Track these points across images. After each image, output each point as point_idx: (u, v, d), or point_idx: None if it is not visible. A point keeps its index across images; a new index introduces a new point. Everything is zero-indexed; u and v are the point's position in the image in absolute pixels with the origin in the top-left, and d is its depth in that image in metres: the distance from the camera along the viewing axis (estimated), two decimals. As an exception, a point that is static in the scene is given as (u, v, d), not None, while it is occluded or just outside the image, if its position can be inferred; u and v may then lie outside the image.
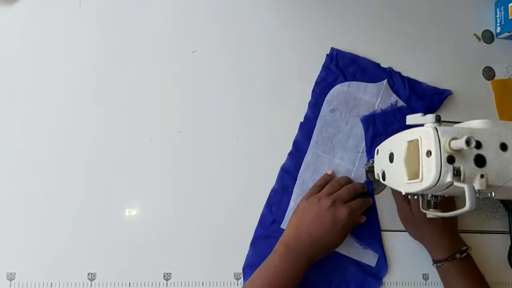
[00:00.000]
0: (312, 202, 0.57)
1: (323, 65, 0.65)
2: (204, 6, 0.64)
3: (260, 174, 0.61)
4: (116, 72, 0.61)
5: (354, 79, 0.65)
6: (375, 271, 0.61)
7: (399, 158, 0.49)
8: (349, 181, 0.61)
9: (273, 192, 0.61)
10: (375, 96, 0.65)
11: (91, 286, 0.56)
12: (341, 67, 0.65)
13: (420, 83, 0.66)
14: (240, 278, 0.58)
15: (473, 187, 0.42)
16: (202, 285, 0.58)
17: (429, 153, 0.44)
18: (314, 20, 0.66)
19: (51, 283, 0.55)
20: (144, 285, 0.57)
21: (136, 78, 0.61)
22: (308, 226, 0.55)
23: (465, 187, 0.42)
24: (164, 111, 0.61)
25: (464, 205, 0.41)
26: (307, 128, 0.63)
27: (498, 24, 0.70)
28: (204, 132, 0.61)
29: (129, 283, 0.56)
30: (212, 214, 0.60)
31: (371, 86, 0.65)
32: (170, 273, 0.57)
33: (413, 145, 0.47)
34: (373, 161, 0.59)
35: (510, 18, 0.68)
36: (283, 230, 0.59)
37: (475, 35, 0.70)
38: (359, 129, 0.64)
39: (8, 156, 0.57)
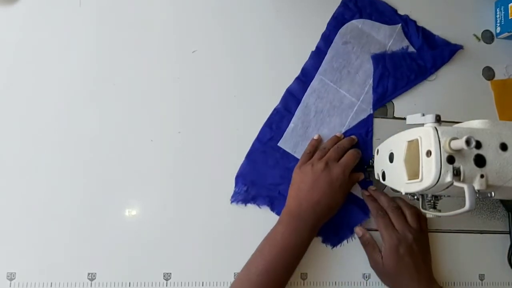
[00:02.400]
0: (306, 170, 0.57)
1: (342, 1, 0.66)
2: (204, 6, 0.64)
3: (260, 174, 0.61)
4: (116, 72, 0.61)
5: (369, 17, 0.67)
6: (362, 203, 0.62)
7: (399, 158, 0.49)
8: (336, 141, 0.61)
9: (276, 111, 0.62)
10: (387, 38, 0.66)
11: (91, 286, 0.56)
12: (359, 7, 0.66)
13: (433, 35, 0.68)
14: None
15: (473, 187, 0.42)
16: (202, 285, 0.58)
17: (429, 153, 0.44)
18: (314, 20, 0.66)
19: (51, 283, 0.55)
20: (144, 285, 0.57)
21: (136, 78, 0.61)
22: (307, 192, 0.56)
23: (465, 187, 0.42)
24: (164, 111, 0.61)
25: (464, 205, 0.42)
26: (317, 57, 0.64)
27: (498, 24, 0.70)
28: (204, 132, 0.61)
29: (129, 283, 0.56)
30: (212, 214, 0.59)
31: (385, 28, 0.66)
32: (170, 273, 0.57)
33: (413, 145, 0.47)
34: (373, 161, 0.59)
35: (510, 18, 0.68)
36: (279, 147, 0.61)
37: (475, 35, 0.70)
38: (369, 66, 0.65)
39: (8, 156, 0.57)
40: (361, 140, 0.63)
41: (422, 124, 0.47)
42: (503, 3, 0.69)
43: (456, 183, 0.43)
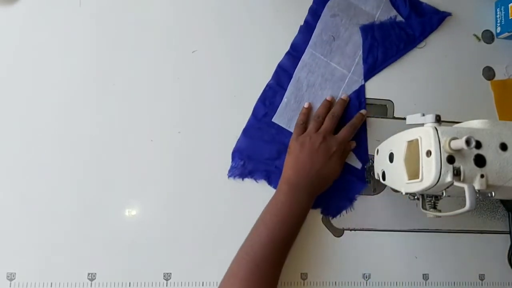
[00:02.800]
0: (303, 141, 0.58)
1: None
2: (204, 6, 0.64)
3: (260, 174, 0.61)
4: (116, 72, 0.61)
5: None
6: (360, 174, 0.63)
7: (399, 158, 0.49)
8: (329, 106, 0.62)
9: (268, 87, 0.63)
10: (375, 9, 0.67)
11: (91, 286, 0.56)
12: None
13: (420, 3, 0.68)
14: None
15: (473, 187, 0.42)
16: (202, 285, 0.58)
17: (429, 153, 0.44)
18: None
19: (51, 283, 0.55)
20: (144, 285, 0.57)
21: (136, 78, 0.61)
22: (304, 163, 0.57)
23: (465, 187, 0.42)
24: (164, 111, 0.61)
25: (464, 205, 0.42)
26: (306, 31, 0.65)
27: (498, 24, 0.70)
28: (204, 132, 0.61)
29: (129, 283, 0.56)
30: (212, 214, 0.60)
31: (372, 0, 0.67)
32: (170, 273, 0.57)
33: (413, 145, 0.47)
34: (373, 161, 0.59)
35: (510, 18, 0.68)
36: (274, 123, 0.62)
37: (475, 35, 0.70)
38: (358, 37, 0.66)
39: (7, 156, 0.57)
40: (354, 111, 0.63)
41: (422, 124, 0.47)
42: (503, 3, 0.69)
43: (456, 183, 0.43)
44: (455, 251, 0.63)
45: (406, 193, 0.49)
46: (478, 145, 0.44)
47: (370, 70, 0.65)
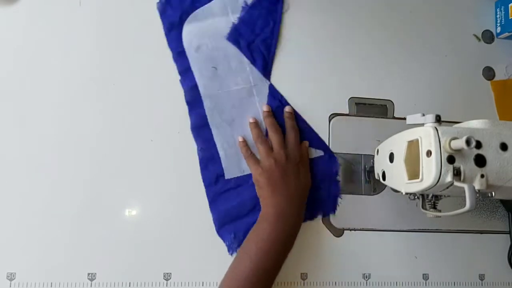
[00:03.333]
0: (269, 169, 0.56)
1: (160, 14, 0.61)
2: (204, 6, 0.64)
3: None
4: (116, 72, 0.61)
5: (196, 7, 0.62)
6: (327, 157, 0.63)
7: (399, 158, 0.49)
8: (258, 127, 0.60)
9: (200, 152, 0.60)
10: (224, 9, 0.62)
11: (91, 286, 0.56)
12: (178, 5, 0.61)
13: None
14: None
15: (473, 187, 0.42)
16: (202, 285, 0.58)
17: (429, 153, 0.44)
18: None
19: (51, 283, 0.55)
20: (144, 285, 0.57)
21: (136, 78, 0.61)
22: (281, 187, 0.55)
23: (465, 187, 0.42)
24: (164, 111, 0.61)
25: (464, 205, 0.42)
26: (188, 77, 0.61)
27: (498, 24, 0.70)
28: (204, 132, 0.61)
29: (129, 283, 0.56)
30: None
31: (214, 3, 0.62)
32: (170, 273, 0.57)
33: (413, 145, 0.47)
34: (373, 161, 0.59)
35: (510, 18, 0.68)
36: (230, 180, 0.60)
37: (475, 35, 0.70)
38: (233, 48, 0.62)
39: (8, 156, 0.57)
40: (281, 112, 0.62)
41: (422, 124, 0.47)
42: (503, 3, 0.69)
43: (456, 183, 0.43)
44: (455, 251, 0.63)
45: (406, 193, 0.49)
46: (478, 145, 0.44)
47: (265, 66, 0.62)
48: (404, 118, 0.51)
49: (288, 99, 0.63)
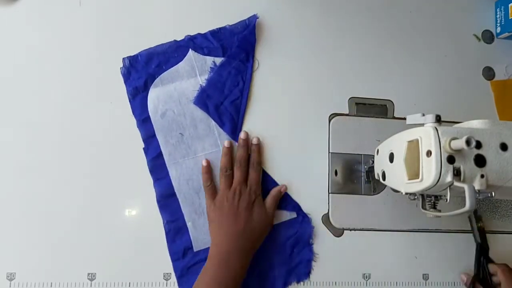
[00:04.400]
0: (221, 205, 0.56)
1: (124, 80, 0.60)
2: (204, 7, 0.64)
3: (260, 174, 0.61)
4: (116, 72, 0.61)
5: (162, 70, 0.60)
6: (301, 219, 0.60)
7: (399, 158, 0.49)
8: (228, 160, 0.58)
9: (167, 226, 0.58)
10: (192, 71, 0.60)
11: (91, 286, 0.56)
12: (143, 69, 0.60)
13: (224, 28, 0.62)
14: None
15: (473, 187, 0.42)
16: (202, 285, 0.57)
17: (429, 153, 0.44)
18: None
19: (51, 283, 0.55)
20: (144, 285, 0.57)
21: (136, 78, 0.61)
22: (229, 226, 0.54)
23: (465, 187, 0.42)
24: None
25: (464, 205, 0.42)
26: (153, 147, 0.59)
27: (498, 24, 0.70)
28: (204, 132, 0.61)
29: (129, 283, 0.56)
30: (212, 214, 0.59)
31: (181, 66, 0.60)
32: (170, 273, 0.57)
33: (413, 145, 0.47)
34: (373, 161, 0.59)
35: (510, 18, 0.68)
36: (198, 253, 0.58)
37: (475, 35, 0.70)
38: (200, 112, 0.60)
39: (8, 156, 0.57)
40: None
41: (422, 124, 0.47)
42: (503, 3, 0.69)
43: (456, 183, 0.43)
44: (455, 251, 0.63)
45: (406, 193, 0.49)
46: (478, 145, 0.44)
47: (234, 129, 0.60)
48: (404, 118, 0.51)
49: (288, 99, 0.63)
